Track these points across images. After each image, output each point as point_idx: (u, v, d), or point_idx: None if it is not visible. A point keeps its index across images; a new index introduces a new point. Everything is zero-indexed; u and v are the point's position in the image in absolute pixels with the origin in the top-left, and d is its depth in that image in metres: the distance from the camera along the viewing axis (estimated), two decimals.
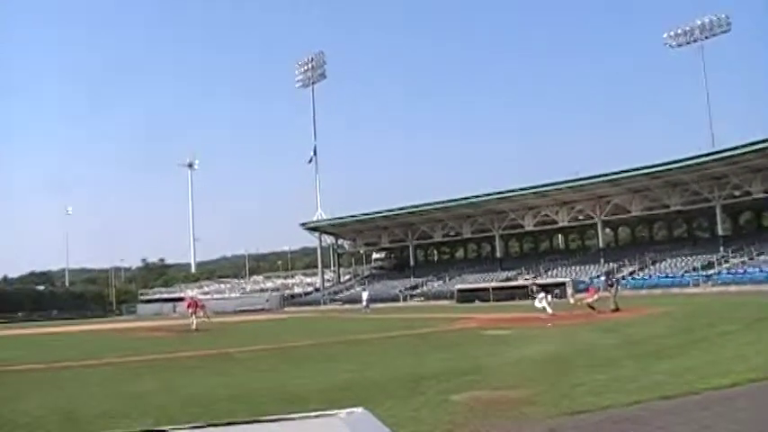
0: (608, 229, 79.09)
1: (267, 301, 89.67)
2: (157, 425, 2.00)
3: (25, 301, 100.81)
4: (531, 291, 36.77)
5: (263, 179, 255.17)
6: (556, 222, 74.25)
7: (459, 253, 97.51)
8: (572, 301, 39.26)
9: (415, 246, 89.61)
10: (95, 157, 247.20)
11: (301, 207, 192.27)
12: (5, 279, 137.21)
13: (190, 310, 39.12)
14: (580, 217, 72.76)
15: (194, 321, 37.12)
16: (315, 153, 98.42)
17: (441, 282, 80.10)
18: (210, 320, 38.68)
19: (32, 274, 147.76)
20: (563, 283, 55.82)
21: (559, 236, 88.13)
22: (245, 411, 9.23)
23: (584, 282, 56.76)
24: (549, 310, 30.22)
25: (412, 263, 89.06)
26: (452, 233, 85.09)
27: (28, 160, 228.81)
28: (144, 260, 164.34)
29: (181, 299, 69.43)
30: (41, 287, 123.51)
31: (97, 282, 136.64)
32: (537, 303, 31.59)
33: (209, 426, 1.90)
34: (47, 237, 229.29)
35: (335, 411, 2.01)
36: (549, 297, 31.68)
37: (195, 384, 13.68)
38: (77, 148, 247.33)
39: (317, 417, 2.00)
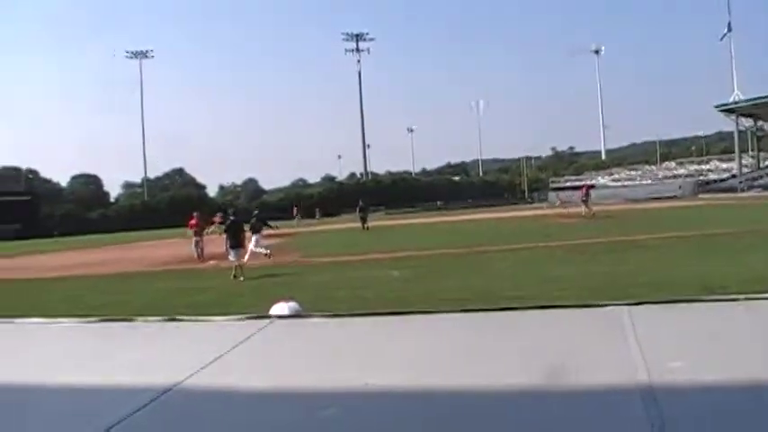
0: None
1: (680, 187, 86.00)
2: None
3: (442, 190, 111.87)
4: None
5: (674, 60, 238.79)
6: None
7: None
8: None
9: None
10: (499, 49, 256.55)
11: (716, 88, 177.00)
12: (424, 171, 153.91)
13: (582, 197, 41.81)
14: None
15: (586, 209, 39.70)
16: (729, 29, 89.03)
17: None
18: (566, 211, 39.75)
19: (448, 165, 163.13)
20: None
21: None
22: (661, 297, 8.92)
23: None
24: None
25: None
26: None
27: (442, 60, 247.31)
28: (554, 149, 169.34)
29: (591, 186, 70.17)
30: (457, 177, 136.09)
31: (509, 171, 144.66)
32: None
33: (646, 303, 1.94)
34: (461, 129, 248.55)
35: None
36: None
37: (606, 270, 13.82)
38: (482, 35, 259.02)
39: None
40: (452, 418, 2.48)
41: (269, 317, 5.23)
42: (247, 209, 47.81)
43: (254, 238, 21.46)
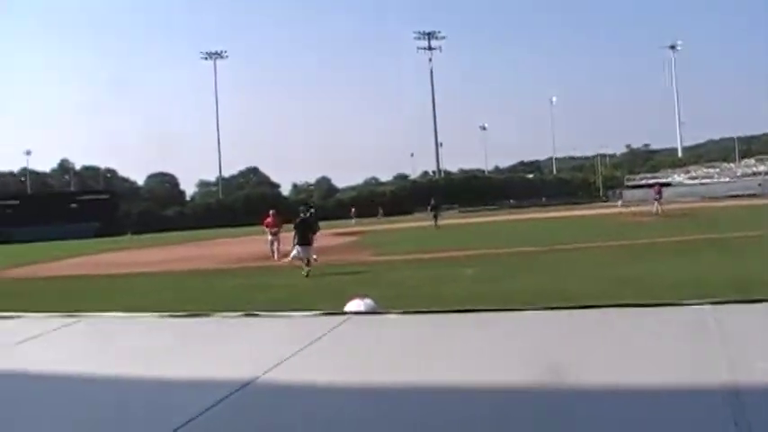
0: None
1: (759, 185, 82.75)
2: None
3: (516, 188, 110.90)
4: None
5: (752, 53, 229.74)
6: None
7: None
8: None
9: None
10: (572, 44, 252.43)
11: None
12: (497, 169, 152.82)
13: (654, 196, 41.84)
14: None
15: (658, 207, 39.64)
16: None
17: None
18: (630, 210, 40.02)
19: (521, 163, 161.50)
20: None
21: None
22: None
23: None
24: None
25: None
26: None
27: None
28: (628, 146, 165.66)
29: (666, 184, 68.63)
30: (530, 175, 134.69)
31: (583, 169, 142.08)
32: None
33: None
34: (534, 127, 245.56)
35: None
36: None
37: (683, 268, 13.55)
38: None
39: None
40: (535, 417, 2.48)
41: (345, 313, 5.29)
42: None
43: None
